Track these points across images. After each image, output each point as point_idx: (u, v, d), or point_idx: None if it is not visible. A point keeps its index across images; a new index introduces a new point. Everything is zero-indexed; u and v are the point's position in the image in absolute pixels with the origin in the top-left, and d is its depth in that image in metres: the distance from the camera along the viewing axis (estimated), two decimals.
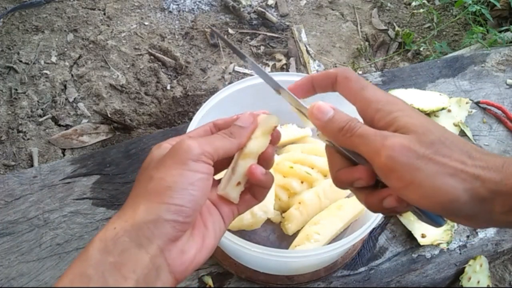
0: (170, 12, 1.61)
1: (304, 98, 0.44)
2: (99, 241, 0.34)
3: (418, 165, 0.33)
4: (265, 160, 0.43)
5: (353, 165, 0.40)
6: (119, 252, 0.33)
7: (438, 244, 0.78)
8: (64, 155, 1.23)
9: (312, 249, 0.61)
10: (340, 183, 0.41)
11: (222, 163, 0.42)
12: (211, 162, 0.38)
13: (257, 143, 0.42)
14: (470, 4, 1.38)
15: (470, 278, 0.76)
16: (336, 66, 1.46)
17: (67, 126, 1.29)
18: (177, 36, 1.54)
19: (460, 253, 0.78)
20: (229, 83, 1.42)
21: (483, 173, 0.34)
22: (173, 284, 0.35)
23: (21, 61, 1.42)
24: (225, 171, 0.44)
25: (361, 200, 0.41)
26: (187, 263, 0.36)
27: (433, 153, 0.34)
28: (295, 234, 0.72)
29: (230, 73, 1.45)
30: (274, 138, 0.44)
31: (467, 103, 0.96)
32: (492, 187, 0.33)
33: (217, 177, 0.43)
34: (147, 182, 0.36)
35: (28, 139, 1.24)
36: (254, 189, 0.44)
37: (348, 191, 0.74)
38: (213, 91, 1.39)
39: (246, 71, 1.46)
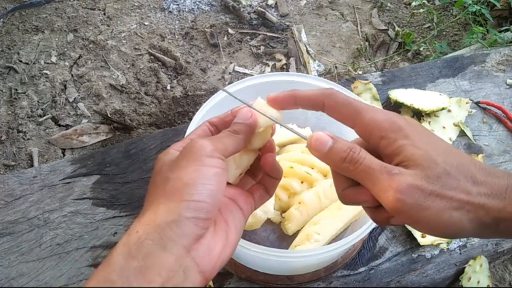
0: (170, 12, 1.61)
1: (286, 109, 0.44)
2: (122, 246, 0.33)
3: (426, 204, 0.34)
4: (269, 150, 0.45)
5: (358, 184, 0.40)
6: (143, 256, 0.32)
7: (438, 244, 0.78)
8: (64, 155, 1.23)
9: (312, 249, 0.61)
10: (346, 202, 0.41)
11: None
12: (223, 158, 0.38)
13: (259, 139, 0.44)
14: (470, 4, 1.38)
15: (470, 278, 0.76)
16: (336, 67, 1.46)
17: (67, 126, 1.29)
18: (177, 36, 1.54)
19: (460, 253, 0.78)
20: (229, 83, 1.42)
21: (488, 201, 0.35)
22: (202, 283, 0.35)
23: (21, 61, 1.42)
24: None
25: (369, 215, 0.41)
26: (214, 261, 0.36)
27: (440, 188, 0.35)
28: (295, 234, 0.72)
29: (230, 73, 1.45)
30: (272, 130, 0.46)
31: (467, 103, 0.96)
32: (496, 215, 0.35)
33: None
34: (164, 183, 0.37)
35: (28, 139, 1.24)
36: (266, 182, 0.45)
37: None
38: (213, 91, 1.38)
39: (246, 71, 1.46)
